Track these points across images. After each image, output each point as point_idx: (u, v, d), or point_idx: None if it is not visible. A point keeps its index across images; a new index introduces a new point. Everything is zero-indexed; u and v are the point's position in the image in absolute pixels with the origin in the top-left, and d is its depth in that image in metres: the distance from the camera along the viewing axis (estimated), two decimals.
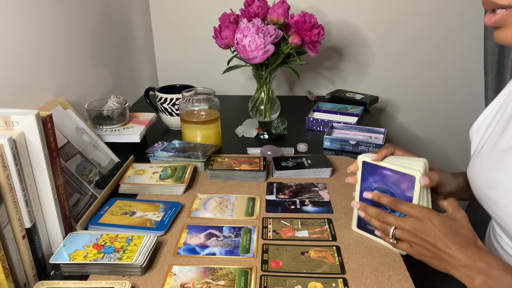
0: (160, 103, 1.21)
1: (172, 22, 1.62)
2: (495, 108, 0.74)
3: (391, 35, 1.61)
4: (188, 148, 1.05)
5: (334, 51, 1.64)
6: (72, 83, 1.09)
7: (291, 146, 1.11)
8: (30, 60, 0.91)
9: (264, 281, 0.64)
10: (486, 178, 0.67)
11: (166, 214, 0.81)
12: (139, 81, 1.57)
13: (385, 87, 1.68)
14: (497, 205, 0.64)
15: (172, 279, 0.65)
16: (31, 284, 0.65)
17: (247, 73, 1.67)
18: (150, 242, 0.70)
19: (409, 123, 1.75)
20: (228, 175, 0.96)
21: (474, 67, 1.62)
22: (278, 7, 1.17)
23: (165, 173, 0.94)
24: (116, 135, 1.04)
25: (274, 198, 0.88)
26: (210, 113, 1.07)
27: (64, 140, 0.85)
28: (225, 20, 1.21)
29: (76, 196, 0.80)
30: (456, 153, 1.77)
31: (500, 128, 0.68)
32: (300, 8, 1.44)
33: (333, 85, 1.70)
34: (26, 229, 0.63)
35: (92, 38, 1.20)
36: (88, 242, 0.70)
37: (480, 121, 0.76)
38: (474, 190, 0.71)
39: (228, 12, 1.23)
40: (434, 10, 1.56)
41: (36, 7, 0.92)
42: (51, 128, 0.67)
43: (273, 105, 1.33)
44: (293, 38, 1.16)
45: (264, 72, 1.26)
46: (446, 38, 1.60)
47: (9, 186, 0.59)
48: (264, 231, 0.77)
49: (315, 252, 0.71)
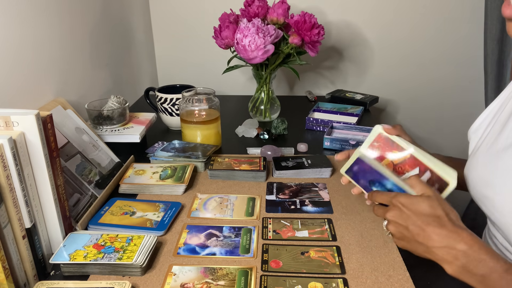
0: (160, 103, 1.21)
1: (172, 22, 1.62)
2: (495, 109, 0.74)
3: (391, 35, 1.61)
4: (188, 148, 1.04)
5: (334, 51, 1.64)
6: (72, 83, 1.09)
7: (291, 146, 1.11)
8: (30, 60, 0.91)
9: (264, 281, 0.64)
10: (483, 177, 0.67)
11: (166, 214, 0.81)
12: (139, 81, 1.57)
13: (385, 87, 1.68)
14: (493, 204, 0.65)
15: (172, 279, 0.65)
16: (31, 284, 0.65)
17: (247, 73, 1.67)
18: (150, 242, 0.70)
19: (409, 123, 1.75)
20: (228, 175, 0.96)
21: (474, 67, 1.62)
22: (278, 7, 1.17)
23: (165, 173, 0.94)
24: (116, 135, 1.04)
25: (274, 198, 0.88)
26: (210, 113, 1.07)
27: (64, 140, 0.85)
28: (225, 20, 1.21)
29: (76, 196, 0.80)
30: (456, 153, 1.75)
31: (498, 128, 0.68)
32: (300, 8, 1.44)
33: (333, 85, 1.70)
34: (26, 229, 0.63)
35: (92, 38, 1.20)
36: (88, 242, 0.70)
37: (479, 121, 0.76)
38: (471, 190, 0.71)
39: (228, 12, 1.23)
40: (434, 10, 1.56)
41: (36, 7, 0.92)
42: (51, 128, 0.67)
43: (273, 105, 1.33)
44: (293, 38, 1.16)
45: (264, 72, 1.26)
46: (446, 38, 1.60)
47: (9, 186, 0.59)
48: (264, 231, 0.77)
49: (315, 252, 0.71)
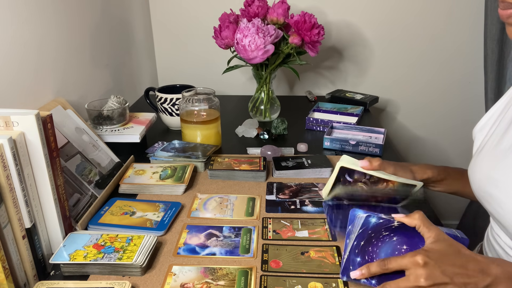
0: (160, 103, 1.21)
1: (172, 22, 1.62)
2: (500, 108, 0.74)
3: (391, 35, 1.61)
4: (188, 148, 1.04)
5: (334, 51, 1.64)
6: (72, 83, 1.09)
7: (291, 146, 1.11)
8: (30, 60, 0.91)
9: (264, 281, 0.64)
10: (487, 175, 0.67)
11: (166, 214, 0.81)
12: (139, 81, 1.57)
13: (385, 87, 1.68)
14: (498, 202, 0.65)
15: (172, 279, 0.65)
16: (31, 284, 0.65)
17: (247, 73, 1.67)
18: (150, 242, 0.70)
19: (409, 123, 1.75)
20: (228, 175, 0.96)
21: (474, 67, 1.62)
22: (278, 7, 1.17)
23: (165, 173, 0.94)
24: (116, 135, 1.04)
25: (274, 198, 0.88)
26: (210, 113, 1.07)
27: (64, 140, 0.85)
28: (225, 20, 1.21)
29: (76, 196, 0.80)
30: (456, 153, 1.77)
31: (503, 127, 0.68)
32: (300, 8, 1.44)
33: (333, 85, 1.69)
34: (26, 229, 0.63)
35: (92, 38, 1.20)
36: (88, 242, 0.70)
37: (485, 120, 0.76)
38: (475, 188, 0.71)
39: (228, 12, 1.23)
40: (433, 10, 1.56)
41: (36, 8, 0.92)
42: (51, 128, 0.67)
43: (273, 105, 1.33)
44: (293, 38, 1.16)
45: (264, 72, 1.26)
46: (446, 38, 1.60)
47: (9, 186, 0.59)
48: (264, 231, 0.77)
49: (315, 252, 0.71)
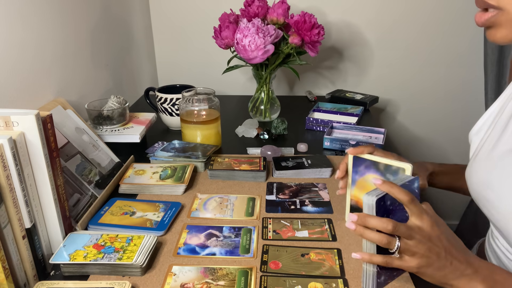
0: (160, 103, 1.20)
1: (172, 22, 1.62)
2: (495, 111, 0.74)
3: (391, 35, 1.61)
4: (188, 148, 1.04)
5: (334, 51, 1.64)
6: (72, 83, 1.09)
7: (291, 146, 1.11)
8: (30, 60, 0.91)
9: (264, 281, 0.64)
10: (483, 179, 0.67)
11: (166, 214, 0.81)
12: (139, 81, 1.57)
13: (385, 87, 1.68)
14: (494, 206, 0.65)
15: (172, 279, 0.65)
16: (31, 284, 0.65)
17: (247, 73, 1.67)
18: (150, 242, 0.70)
19: (409, 123, 1.75)
20: (228, 175, 0.96)
21: (474, 67, 1.62)
22: (278, 7, 1.17)
23: (165, 173, 0.94)
24: (116, 135, 1.04)
25: (274, 198, 0.88)
26: (210, 113, 1.07)
27: (64, 140, 0.85)
28: (225, 20, 1.21)
29: (76, 196, 0.80)
30: (456, 153, 1.77)
31: (498, 131, 0.68)
32: (300, 8, 1.44)
33: (333, 85, 1.69)
34: (26, 229, 0.63)
35: (92, 38, 1.20)
36: (88, 242, 0.70)
37: (480, 124, 0.76)
38: (472, 192, 0.71)
39: (228, 12, 1.23)
40: (433, 10, 1.56)
41: (36, 7, 0.92)
42: (51, 128, 0.67)
43: (273, 105, 1.33)
44: (293, 38, 1.16)
45: (264, 72, 1.26)
46: (446, 38, 1.60)
47: (9, 186, 0.59)
48: (264, 231, 0.77)
49: (316, 255, 0.71)
